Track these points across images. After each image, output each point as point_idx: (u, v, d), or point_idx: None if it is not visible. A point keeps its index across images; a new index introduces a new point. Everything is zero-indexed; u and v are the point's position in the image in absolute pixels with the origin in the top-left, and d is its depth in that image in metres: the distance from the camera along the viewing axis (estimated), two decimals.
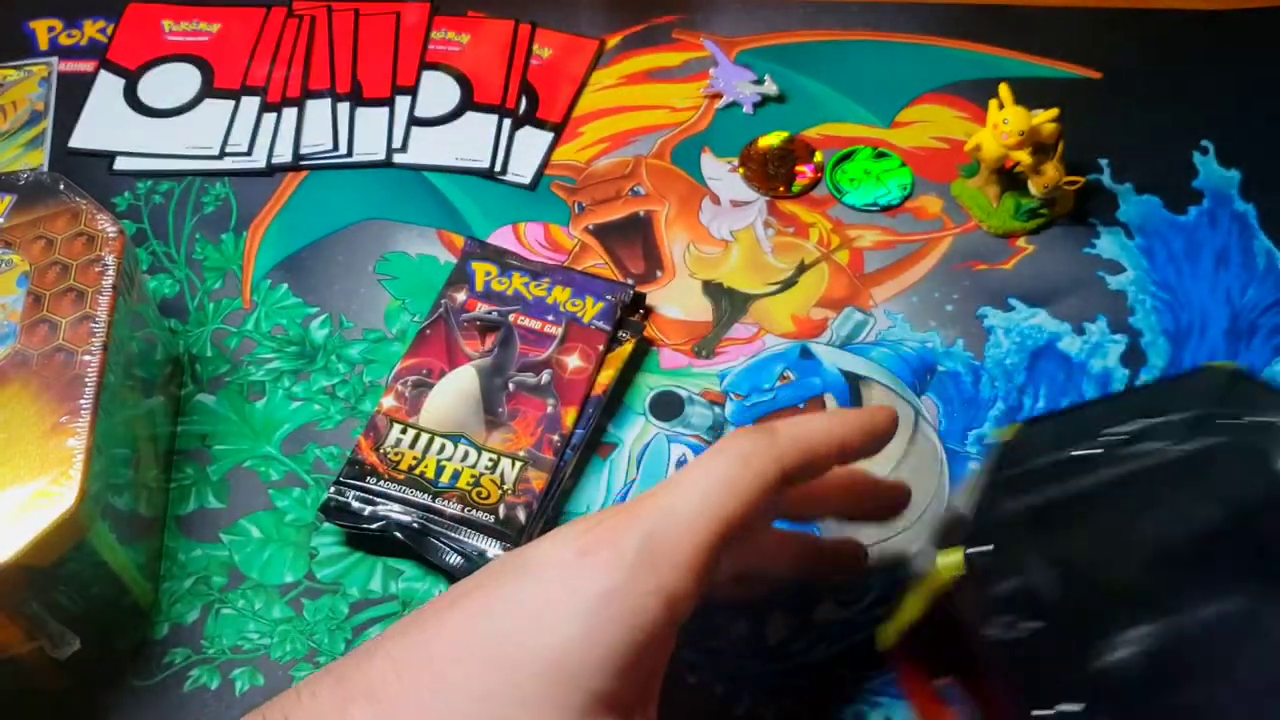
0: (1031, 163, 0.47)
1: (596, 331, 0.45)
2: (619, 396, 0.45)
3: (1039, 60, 0.56)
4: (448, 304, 0.46)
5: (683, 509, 0.29)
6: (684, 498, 0.29)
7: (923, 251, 0.50)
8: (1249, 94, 0.54)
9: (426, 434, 0.42)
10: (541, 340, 0.45)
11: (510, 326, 0.45)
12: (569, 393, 0.43)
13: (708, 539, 0.29)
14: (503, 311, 0.45)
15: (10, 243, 0.40)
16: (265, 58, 0.57)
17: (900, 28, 0.58)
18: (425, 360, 0.44)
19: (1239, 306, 0.47)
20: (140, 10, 0.59)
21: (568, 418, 0.43)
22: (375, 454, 0.42)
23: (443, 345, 0.45)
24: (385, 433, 0.42)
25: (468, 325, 0.45)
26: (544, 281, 0.46)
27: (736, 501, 0.29)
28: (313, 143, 0.54)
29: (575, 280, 0.46)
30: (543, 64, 0.57)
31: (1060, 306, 0.47)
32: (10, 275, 0.39)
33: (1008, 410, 0.45)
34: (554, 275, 0.46)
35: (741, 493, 0.29)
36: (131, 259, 0.41)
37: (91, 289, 0.39)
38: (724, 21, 0.58)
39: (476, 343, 0.45)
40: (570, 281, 0.46)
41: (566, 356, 0.44)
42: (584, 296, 0.46)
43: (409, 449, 0.42)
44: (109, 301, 0.39)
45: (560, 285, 0.46)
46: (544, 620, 0.27)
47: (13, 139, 0.55)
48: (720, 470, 0.30)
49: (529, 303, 0.46)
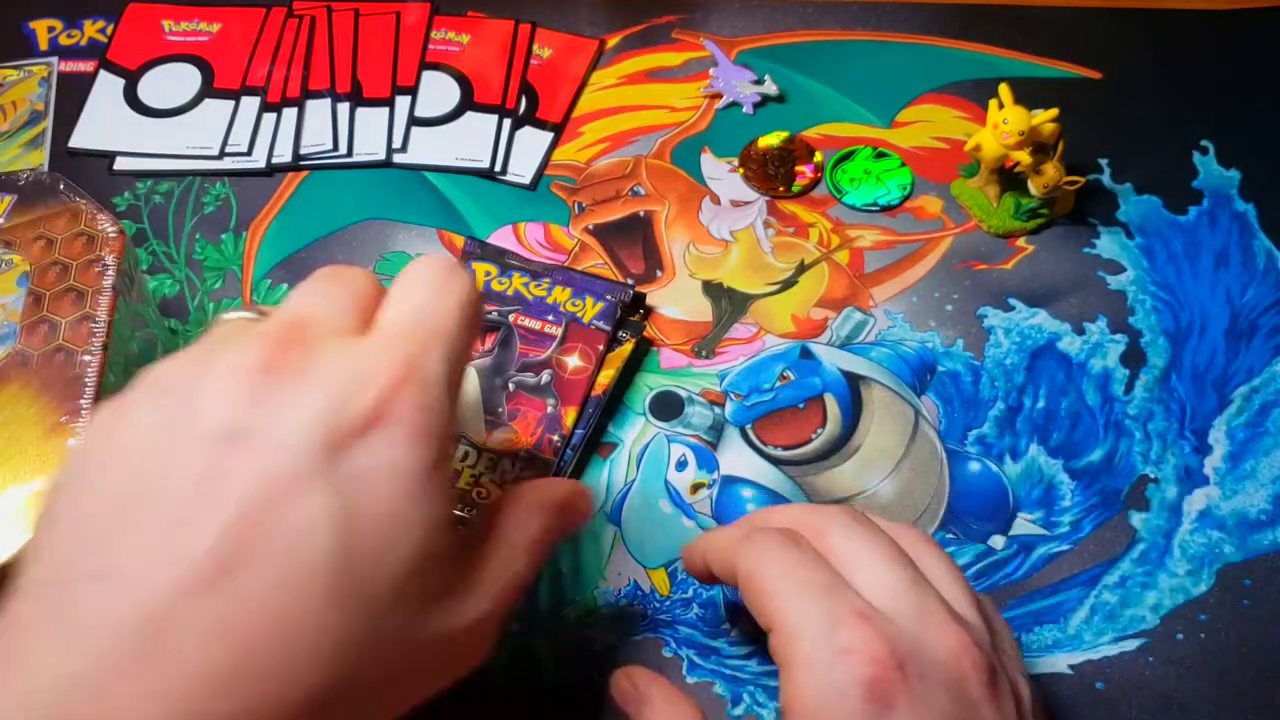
0: (1031, 163, 0.47)
1: (597, 331, 0.45)
2: (619, 396, 0.45)
3: (1039, 60, 0.56)
4: None
5: (448, 355, 0.29)
6: (445, 347, 0.29)
7: (923, 251, 0.50)
8: (1249, 94, 0.54)
9: None
10: (542, 340, 0.45)
11: (510, 326, 0.45)
12: (569, 392, 0.43)
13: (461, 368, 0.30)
14: (502, 311, 0.45)
15: (10, 243, 0.40)
16: (265, 58, 0.57)
17: (900, 28, 0.58)
18: None
19: (1239, 306, 0.47)
20: (140, 10, 0.59)
21: (568, 417, 0.43)
22: None
23: None
24: None
25: None
26: (544, 282, 0.46)
27: (472, 337, 0.31)
28: (313, 143, 0.54)
29: (575, 280, 0.46)
30: (543, 64, 0.57)
31: (1060, 306, 0.47)
32: (10, 275, 0.39)
33: (1008, 410, 0.45)
34: (554, 275, 0.47)
35: (474, 327, 0.31)
36: (131, 259, 0.41)
37: (91, 289, 0.39)
38: (724, 21, 0.58)
39: (476, 343, 0.45)
40: (570, 281, 0.46)
41: (567, 356, 0.44)
42: (584, 296, 0.46)
43: None
44: (109, 302, 0.39)
45: (560, 285, 0.46)
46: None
47: (13, 139, 0.55)
48: (462, 314, 0.30)
49: (529, 303, 0.46)
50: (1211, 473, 0.43)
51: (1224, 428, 0.44)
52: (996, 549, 0.41)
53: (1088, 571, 0.41)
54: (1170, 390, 0.45)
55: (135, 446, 0.26)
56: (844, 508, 0.33)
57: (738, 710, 0.38)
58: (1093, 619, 0.40)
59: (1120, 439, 0.44)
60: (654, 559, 0.41)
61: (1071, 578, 0.41)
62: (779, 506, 0.39)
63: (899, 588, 0.30)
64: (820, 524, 0.32)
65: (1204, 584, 0.41)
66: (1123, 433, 0.44)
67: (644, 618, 0.40)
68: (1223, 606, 0.40)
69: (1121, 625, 0.40)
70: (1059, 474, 0.43)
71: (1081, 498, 0.43)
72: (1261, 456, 0.43)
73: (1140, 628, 0.40)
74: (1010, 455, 0.44)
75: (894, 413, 0.45)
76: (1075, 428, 0.44)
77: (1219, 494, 0.43)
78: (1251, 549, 0.41)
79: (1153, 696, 0.38)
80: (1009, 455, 0.44)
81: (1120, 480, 0.43)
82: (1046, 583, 0.41)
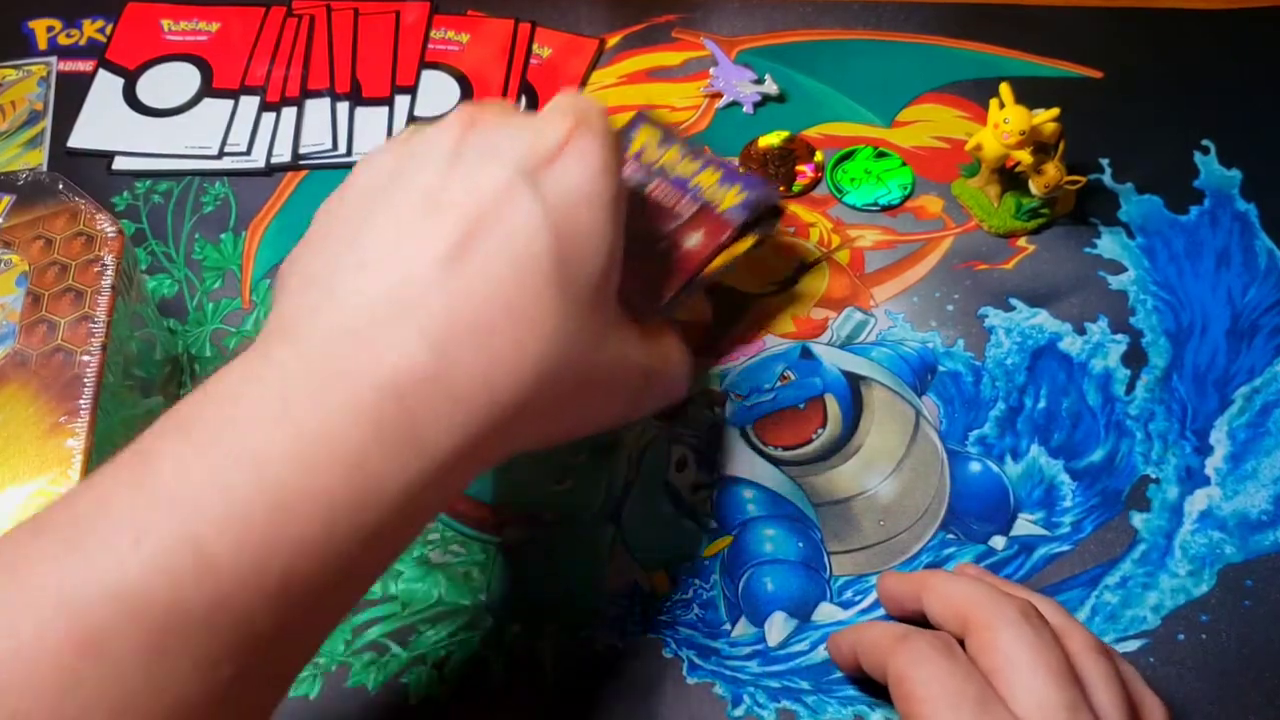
0: (1032, 162, 0.47)
1: (726, 222, 0.44)
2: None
3: (1040, 60, 0.56)
4: None
5: (607, 124, 0.35)
6: (604, 119, 0.35)
7: (923, 251, 0.50)
8: (1250, 94, 0.54)
9: None
10: (671, 215, 0.44)
11: (644, 195, 0.45)
12: (678, 267, 0.43)
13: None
14: (643, 180, 0.45)
15: (9, 242, 0.40)
16: (264, 57, 0.57)
17: (900, 27, 0.57)
18: None
19: (1240, 306, 0.47)
20: (139, 10, 0.59)
21: (668, 290, 0.43)
22: None
23: None
24: None
25: None
26: (698, 161, 0.46)
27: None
28: (312, 142, 0.54)
29: (727, 170, 0.45)
30: (543, 63, 0.57)
31: (1061, 306, 0.47)
32: (9, 275, 0.39)
33: (1009, 410, 0.45)
34: (710, 160, 0.46)
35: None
36: (130, 259, 0.41)
37: (90, 289, 0.39)
38: (724, 21, 0.58)
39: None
40: (722, 168, 0.46)
41: (688, 234, 0.44)
42: (730, 186, 0.45)
43: None
44: (108, 301, 0.39)
45: (711, 168, 0.45)
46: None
47: (12, 139, 0.55)
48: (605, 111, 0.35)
49: (672, 178, 0.45)
50: (1213, 473, 0.43)
51: (1225, 428, 0.44)
52: (997, 549, 0.41)
53: (1089, 572, 0.41)
54: (1171, 390, 0.45)
55: (370, 182, 0.33)
56: (1022, 603, 0.33)
57: (738, 711, 0.38)
58: (1094, 620, 0.40)
59: (1121, 439, 0.44)
60: (654, 559, 0.41)
61: (1072, 578, 0.41)
62: (954, 578, 0.35)
63: (1054, 710, 0.30)
64: (991, 619, 0.32)
65: (1205, 585, 0.41)
66: (1124, 433, 0.44)
67: (643, 618, 0.40)
68: (1224, 607, 0.40)
69: (1122, 626, 0.40)
70: (1060, 474, 0.43)
71: (1082, 498, 0.43)
72: (1263, 457, 0.43)
73: (1141, 628, 0.40)
74: (1011, 455, 0.44)
75: (895, 413, 0.45)
76: (1076, 428, 0.44)
77: (1220, 494, 0.42)
78: (1253, 549, 0.41)
79: None
80: (1010, 455, 0.44)
81: (1121, 481, 0.43)
82: (1047, 583, 0.41)
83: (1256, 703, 0.38)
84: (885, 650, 0.33)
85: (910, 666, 0.32)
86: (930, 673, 0.31)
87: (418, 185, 0.31)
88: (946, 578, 0.35)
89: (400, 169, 0.32)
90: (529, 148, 0.32)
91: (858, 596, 0.40)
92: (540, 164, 0.32)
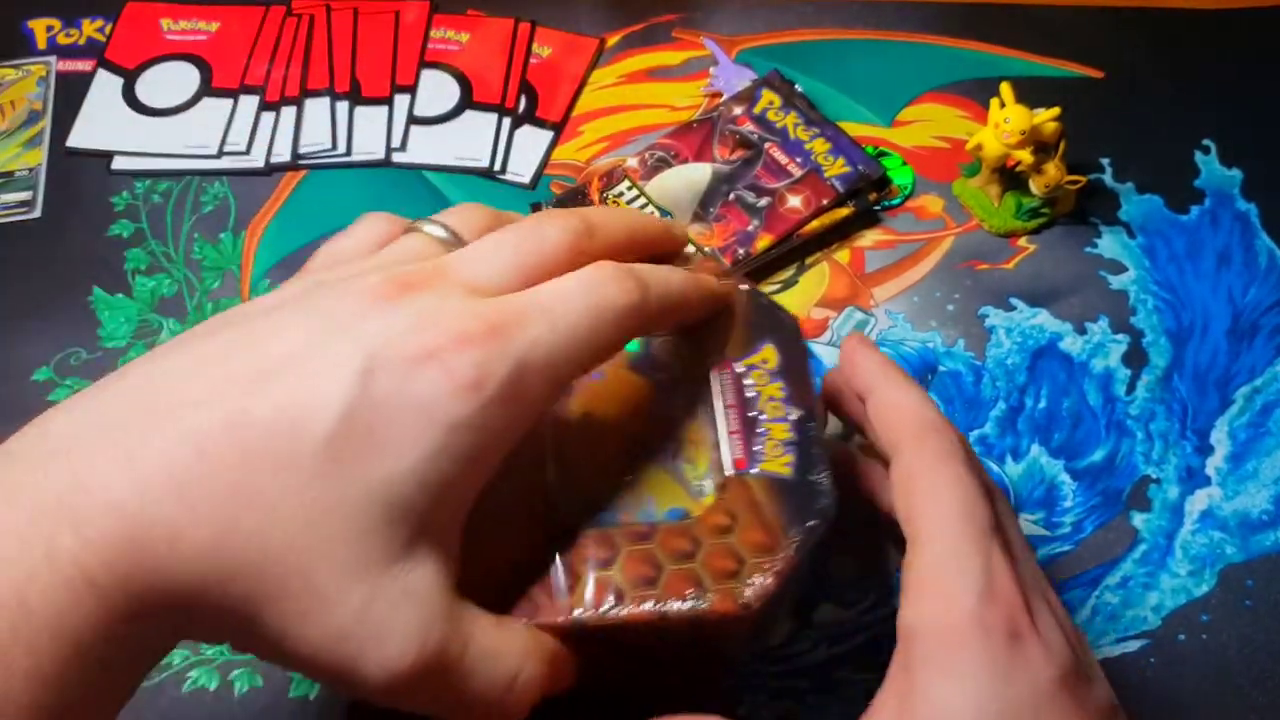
0: (1033, 162, 0.47)
1: (829, 187, 0.48)
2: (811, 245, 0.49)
3: (1040, 59, 0.56)
4: (724, 111, 0.51)
5: (546, 348, 0.27)
6: (549, 337, 0.28)
7: (924, 251, 0.50)
8: (1251, 94, 0.54)
9: (645, 198, 0.49)
10: (780, 173, 0.49)
11: (762, 150, 0.50)
12: (774, 223, 0.47)
13: (563, 379, 0.28)
14: (763, 135, 0.50)
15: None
16: (264, 57, 0.56)
17: (900, 27, 0.57)
18: (679, 144, 0.51)
19: (1241, 306, 0.47)
20: (138, 9, 0.59)
21: (761, 241, 0.47)
22: None
23: (699, 140, 0.51)
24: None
25: (728, 134, 0.51)
26: (813, 129, 0.50)
27: (594, 355, 0.29)
28: (311, 142, 0.54)
29: (839, 141, 0.50)
30: (542, 63, 0.57)
31: (1062, 306, 0.47)
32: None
33: (1009, 410, 0.45)
34: (825, 129, 0.51)
35: (602, 346, 0.29)
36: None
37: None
38: (724, 20, 0.58)
39: (726, 150, 0.50)
40: (833, 139, 0.50)
41: (792, 195, 0.48)
42: (838, 156, 0.49)
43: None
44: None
45: (824, 138, 0.50)
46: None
47: (11, 138, 0.54)
48: (589, 321, 0.28)
49: (788, 140, 0.50)
50: (1213, 473, 0.43)
51: (1226, 428, 0.44)
52: None
53: (1089, 572, 0.41)
54: (1172, 390, 0.45)
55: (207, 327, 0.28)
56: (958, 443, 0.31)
57: (738, 711, 0.38)
58: (1094, 620, 0.40)
59: (1122, 439, 0.44)
60: None
61: (1073, 578, 0.41)
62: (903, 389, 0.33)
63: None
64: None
65: (1206, 585, 0.41)
66: (1124, 433, 0.44)
67: None
68: (1225, 607, 0.40)
69: (1123, 626, 0.40)
70: (1060, 474, 0.43)
71: (1083, 498, 0.43)
72: (1263, 457, 0.43)
73: (1142, 628, 0.40)
74: (1012, 455, 0.44)
75: None
76: (1077, 428, 0.44)
77: (1221, 494, 0.42)
78: (1253, 549, 0.41)
79: (1155, 697, 0.38)
80: (1010, 455, 0.44)
81: (1122, 481, 0.43)
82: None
83: (1257, 703, 0.38)
84: (906, 428, 0.31)
85: (930, 467, 0.30)
86: (948, 476, 0.29)
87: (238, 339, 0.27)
88: (895, 388, 0.33)
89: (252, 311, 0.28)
90: (385, 342, 0.26)
91: (858, 596, 0.40)
92: (388, 362, 0.26)
